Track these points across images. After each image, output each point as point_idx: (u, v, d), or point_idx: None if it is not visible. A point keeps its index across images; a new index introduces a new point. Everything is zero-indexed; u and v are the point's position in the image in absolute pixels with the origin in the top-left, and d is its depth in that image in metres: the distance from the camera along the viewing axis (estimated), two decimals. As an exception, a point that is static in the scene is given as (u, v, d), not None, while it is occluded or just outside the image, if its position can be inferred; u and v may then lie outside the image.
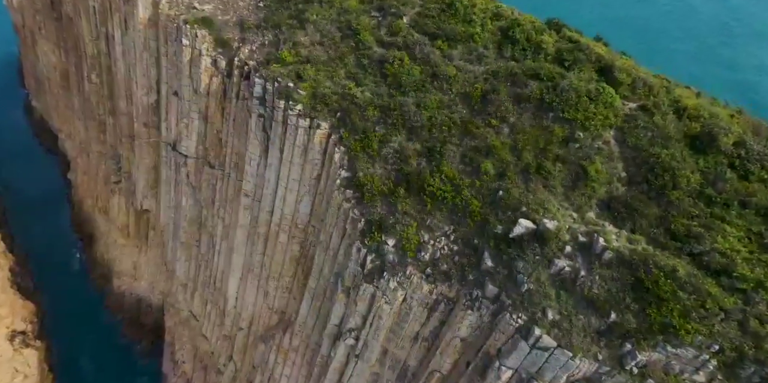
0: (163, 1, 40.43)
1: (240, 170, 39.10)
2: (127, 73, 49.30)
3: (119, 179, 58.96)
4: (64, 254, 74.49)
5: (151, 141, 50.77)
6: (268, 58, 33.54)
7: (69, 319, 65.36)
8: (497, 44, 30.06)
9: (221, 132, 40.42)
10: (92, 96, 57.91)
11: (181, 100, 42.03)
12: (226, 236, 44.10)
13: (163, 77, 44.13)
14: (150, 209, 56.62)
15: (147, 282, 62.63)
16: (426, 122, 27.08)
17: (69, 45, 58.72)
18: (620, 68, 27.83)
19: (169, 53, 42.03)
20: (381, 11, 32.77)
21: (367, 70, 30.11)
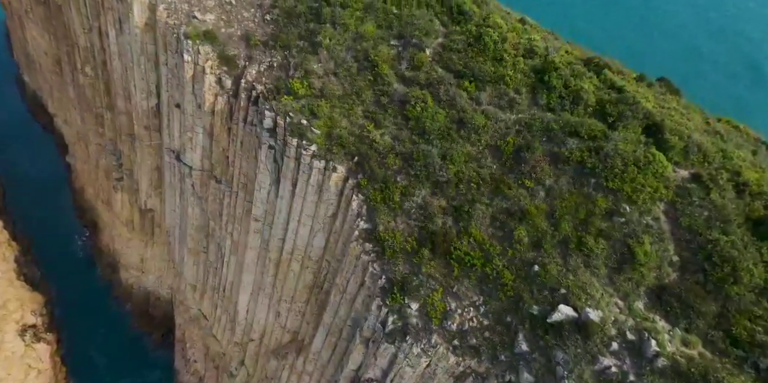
0: (160, 8, 37.51)
1: (249, 192, 37.65)
2: (123, 74, 46.70)
3: (121, 176, 57.28)
4: (68, 240, 73.90)
5: (153, 144, 48.84)
6: (277, 86, 31.27)
7: (78, 310, 65.58)
8: (531, 88, 27.66)
9: (228, 151, 38.60)
10: (87, 89, 55.29)
11: (184, 113, 39.92)
12: (235, 252, 43.18)
13: (164, 85, 41.75)
14: (154, 208, 55.42)
15: (154, 276, 62.38)
16: (452, 176, 25.36)
17: (59, 33, 55.46)
18: (671, 129, 25.48)
19: (170, 63, 39.49)
20: (401, 39, 30.16)
21: (386, 110, 28.03)
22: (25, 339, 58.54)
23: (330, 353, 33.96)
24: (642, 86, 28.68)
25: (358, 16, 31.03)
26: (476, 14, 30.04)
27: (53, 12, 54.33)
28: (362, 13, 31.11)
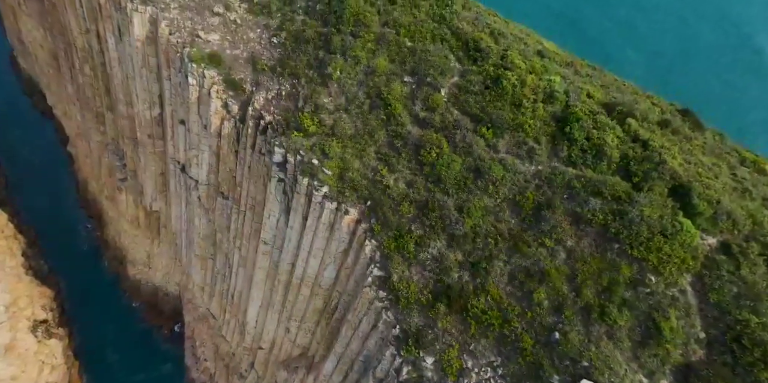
0: (162, 25, 36.04)
1: (257, 214, 37.32)
2: (124, 81, 45.43)
3: (125, 177, 56.70)
4: (72, 231, 73.94)
5: (156, 151, 48.06)
6: (287, 119, 30.40)
7: (87, 302, 66.40)
8: (551, 137, 26.72)
9: (235, 172, 37.98)
10: (87, 88, 53.99)
11: (189, 131, 39.12)
12: (243, 265, 43.26)
13: (167, 99, 40.70)
14: (160, 210, 55.17)
15: (162, 273, 62.78)
16: (469, 230, 24.94)
17: (55, 30, 53.60)
18: (699, 193, 24.61)
19: (173, 80, 38.37)
20: (414, 76, 29.03)
21: (400, 153, 27.33)
22: (37, 335, 59.46)
23: (341, 379, 34.53)
24: (666, 134, 27.62)
25: (369, 48, 29.78)
26: (493, 51, 28.79)
27: (48, 9, 52.33)
28: (374, 45, 29.83)
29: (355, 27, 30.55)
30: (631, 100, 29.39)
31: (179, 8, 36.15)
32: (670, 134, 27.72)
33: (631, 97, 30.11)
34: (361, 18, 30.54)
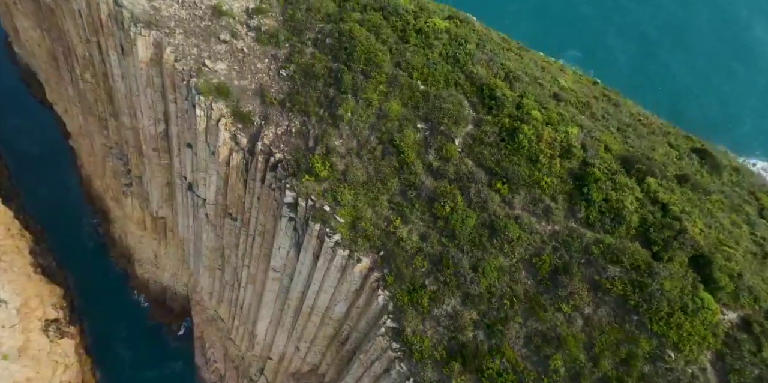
0: (167, 51, 35.08)
1: (267, 240, 37.37)
2: (128, 95, 44.60)
3: (130, 182, 56.47)
4: (78, 225, 74.28)
5: (162, 164, 47.68)
6: (297, 159, 30.03)
7: (96, 299, 67.36)
8: (568, 196, 26.29)
9: (244, 198, 37.76)
10: (88, 94, 53.05)
11: (196, 155, 38.66)
12: (252, 282, 43.62)
13: (173, 120, 40.06)
14: (167, 217, 55.18)
15: (170, 273, 63.37)
16: (484, 290, 24.97)
17: (53, 34, 52.20)
18: (720, 266, 24.39)
19: (179, 106, 37.73)
20: (428, 123, 28.44)
21: (414, 205, 27.12)
22: (49, 334, 60.53)
23: (352, 405, 35.39)
24: (686, 191, 27.08)
25: (381, 90, 29.05)
26: (508, 100, 28.06)
27: (45, 13, 50.78)
28: (386, 87, 29.10)
29: (366, 66, 29.75)
30: (648, 146, 28.86)
31: (184, 34, 35.12)
32: (689, 191, 27.26)
33: (648, 141, 29.52)
34: (372, 57, 29.71)
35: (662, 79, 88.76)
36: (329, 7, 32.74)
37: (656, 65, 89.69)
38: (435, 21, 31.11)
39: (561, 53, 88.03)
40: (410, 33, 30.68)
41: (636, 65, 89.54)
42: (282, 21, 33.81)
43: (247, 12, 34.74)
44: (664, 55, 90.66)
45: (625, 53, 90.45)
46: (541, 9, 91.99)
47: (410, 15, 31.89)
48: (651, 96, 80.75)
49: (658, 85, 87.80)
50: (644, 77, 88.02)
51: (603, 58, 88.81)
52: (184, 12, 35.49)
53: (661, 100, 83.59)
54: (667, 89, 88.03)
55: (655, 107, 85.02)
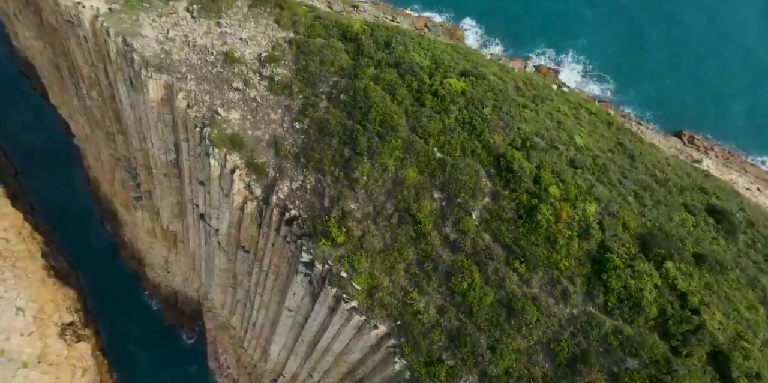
0: (179, 96, 34.70)
1: (280, 280, 37.95)
2: (137, 122, 44.29)
3: (139, 196, 56.73)
4: (88, 223, 74.88)
5: (173, 186, 47.84)
6: (314, 220, 30.34)
7: (110, 300, 68.76)
8: (586, 279, 26.52)
9: (257, 239, 38.11)
10: (95, 110, 52.55)
11: (209, 193, 38.81)
12: (266, 308, 44.55)
13: (185, 156, 39.86)
14: (177, 231, 55.74)
15: (181, 278, 64.52)
16: (502, 372, 25.65)
17: (57, 50, 51.13)
18: (739, 365, 24.90)
19: (191, 148, 37.53)
20: (444, 192, 28.51)
21: (430, 277, 27.58)
22: (66, 338, 62.32)
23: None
24: (703, 274, 27.29)
25: (397, 156, 28.99)
26: (525, 173, 28.00)
27: (48, 29, 49.58)
28: (402, 153, 29.01)
29: (381, 127, 29.59)
30: (665, 215, 28.95)
31: (196, 80, 34.66)
32: (707, 274, 27.47)
33: (665, 207, 29.52)
34: (388, 119, 29.49)
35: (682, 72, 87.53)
36: (343, 60, 32.22)
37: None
38: (451, 81, 30.67)
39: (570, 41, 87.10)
40: (426, 96, 30.36)
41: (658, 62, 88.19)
42: (295, 70, 33.34)
43: (260, 59, 34.16)
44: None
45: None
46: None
47: (425, 73, 31.40)
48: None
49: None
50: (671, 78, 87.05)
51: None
52: (196, 57, 34.91)
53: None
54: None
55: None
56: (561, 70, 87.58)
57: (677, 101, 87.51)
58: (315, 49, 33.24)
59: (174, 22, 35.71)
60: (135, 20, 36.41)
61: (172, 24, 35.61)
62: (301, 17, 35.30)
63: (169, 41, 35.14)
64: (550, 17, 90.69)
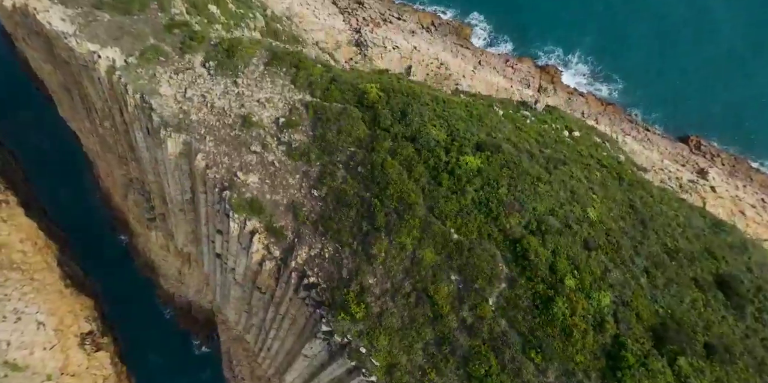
0: (198, 157, 35.28)
1: (297, 327, 39.31)
2: (152, 162, 44.82)
3: (153, 217, 57.75)
4: (100, 228, 76.22)
5: (188, 219, 48.85)
6: (333, 291, 31.46)
7: (125, 306, 70.87)
8: (601, 374, 27.60)
9: (275, 290, 39.31)
10: (108, 138, 52.97)
11: (227, 242, 39.82)
12: (281, 341, 46.27)
13: (202, 206, 40.53)
14: (191, 253, 57.04)
15: (194, 290, 66.36)
16: None
17: (68, 79, 51.04)
18: None
19: (209, 200, 38.26)
20: (461, 275, 29.49)
21: (448, 359, 28.85)
22: (86, 348, 64.68)
23: None
24: (714, 368, 28.32)
25: (415, 235, 29.87)
26: (542, 261, 28.93)
27: (59, 60, 49.34)
28: (419, 233, 29.89)
29: (398, 204, 30.38)
30: (677, 297, 29.96)
31: (215, 141, 35.16)
32: (717, 367, 28.59)
33: (676, 287, 30.49)
34: (405, 196, 30.23)
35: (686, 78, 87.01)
36: (360, 130, 32.67)
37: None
38: (467, 159, 31.21)
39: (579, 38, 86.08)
40: (443, 175, 30.98)
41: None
42: (312, 137, 33.84)
43: (277, 124, 34.57)
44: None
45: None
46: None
47: (441, 148, 31.89)
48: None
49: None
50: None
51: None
52: (214, 118, 35.29)
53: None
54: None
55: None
56: (568, 70, 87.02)
57: (686, 102, 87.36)
58: (332, 116, 33.63)
59: (191, 79, 35.91)
60: (152, 76, 36.58)
61: (189, 82, 35.83)
62: (317, 78, 35.45)
63: (188, 101, 35.45)
64: (557, 14, 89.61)
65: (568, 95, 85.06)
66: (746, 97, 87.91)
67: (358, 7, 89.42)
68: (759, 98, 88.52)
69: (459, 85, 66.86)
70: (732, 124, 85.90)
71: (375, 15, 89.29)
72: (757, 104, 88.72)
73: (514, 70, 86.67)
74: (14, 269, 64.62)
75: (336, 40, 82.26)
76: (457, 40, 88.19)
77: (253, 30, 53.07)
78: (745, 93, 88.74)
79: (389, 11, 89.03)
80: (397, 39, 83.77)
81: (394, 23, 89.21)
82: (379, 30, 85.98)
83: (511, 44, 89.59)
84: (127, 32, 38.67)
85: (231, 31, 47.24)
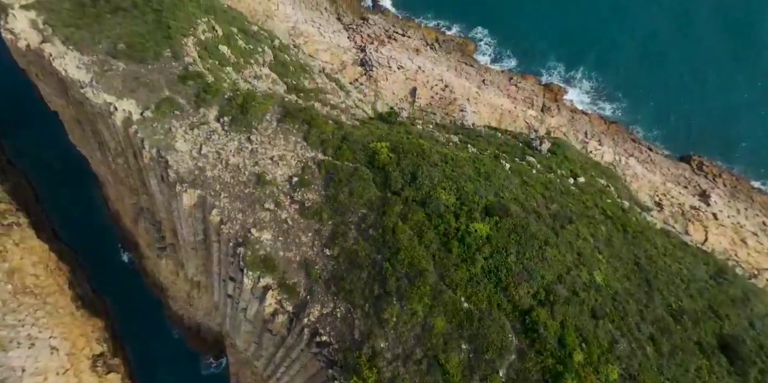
0: (213, 212, 36.26)
1: (308, 376, 40.54)
2: (165, 203, 45.75)
3: (164, 246, 58.78)
4: (110, 247, 77.13)
5: (200, 255, 49.90)
6: (344, 351, 32.51)
7: (135, 325, 72.13)
8: None
9: (286, 337, 40.39)
10: (120, 171, 53.84)
11: (239, 289, 40.84)
12: (291, 377, 47.56)
13: (214, 249, 41.62)
14: (202, 282, 58.15)
15: (203, 312, 67.58)
16: None
17: (82, 116, 51.82)
18: None
19: (223, 251, 39.25)
20: (471, 344, 30.49)
21: (464, 431, 29.88)
22: (98, 371, 66.17)
23: None
24: None
25: (426, 303, 30.89)
26: (551, 333, 29.92)
27: (73, 101, 50.13)
28: (430, 300, 30.91)
29: (409, 269, 31.39)
30: (682, 366, 30.73)
31: (229, 197, 36.11)
32: None
33: (682, 355, 31.31)
34: (416, 263, 31.23)
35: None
36: (371, 193, 33.60)
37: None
38: (476, 226, 32.16)
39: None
40: (453, 242, 31.94)
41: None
42: (325, 196, 34.77)
43: (291, 182, 35.50)
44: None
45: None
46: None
47: (451, 214, 32.81)
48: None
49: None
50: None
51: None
52: (228, 175, 36.21)
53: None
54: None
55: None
56: (571, 88, 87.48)
57: (689, 121, 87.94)
58: (344, 176, 34.55)
59: (206, 135, 36.78)
60: (168, 130, 37.44)
61: (204, 138, 36.70)
62: (329, 135, 36.32)
63: (203, 157, 36.36)
64: (560, 29, 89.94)
65: (571, 114, 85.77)
66: (752, 116, 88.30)
67: (362, 23, 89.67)
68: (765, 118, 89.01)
69: (464, 112, 67.50)
70: (733, 141, 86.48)
71: (379, 31, 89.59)
72: (761, 122, 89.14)
73: (518, 89, 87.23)
74: (27, 293, 65.99)
75: (341, 60, 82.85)
76: (461, 57, 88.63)
77: (263, 65, 53.78)
78: (749, 111, 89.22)
79: (393, 28, 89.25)
80: (401, 58, 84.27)
81: (398, 41, 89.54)
82: (383, 49, 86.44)
83: (515, 60, 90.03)
84: (143, 83, 39.48)
85: (241, 71, 47.99)
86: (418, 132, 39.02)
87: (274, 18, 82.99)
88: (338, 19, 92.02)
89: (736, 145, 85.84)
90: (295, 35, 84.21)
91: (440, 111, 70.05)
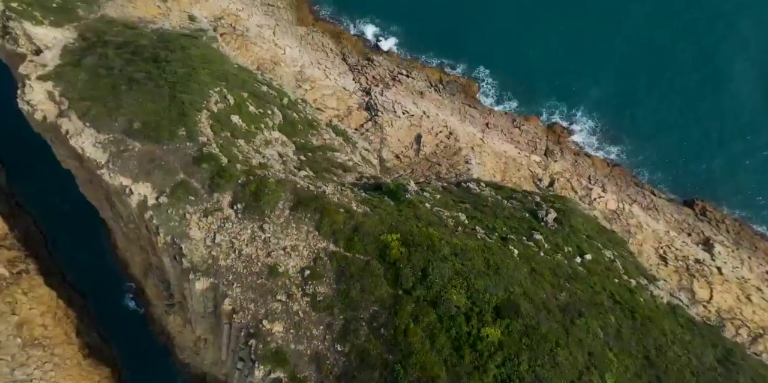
0: (225, 302, 36.92)
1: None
2: (176, 278, 46.37)
3: (172, 303, 59.36)
4: (117, 291, 77.55)
5: (209, 322, 50.45)
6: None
7: (142, 371, 72.45)
8: None
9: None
10: (130, 232, 54.54)
11: (249, 370, 41.34)
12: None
13: (224, 331, 42.07)
14: (210, 339, 58.63)
15: (210, 362, 67.99)
16: None
17: (95, 183, 52.51)
18: None
19: (233, 335, 39.79)
20: None
21: None
22: (105, 422, 66.50)
23: None
24: None
25: None
26: None
27: (86, 168, 50.83)
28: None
29: (421, 374, 31.98)
30: None
31: (242, 287, 36.76)
32: None
33: None
34: (429, 368, 31.79)
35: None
36: (383, 290, 34.26)
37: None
38: (487, 331, 32.81)
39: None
40: (465, 348, 32.56)
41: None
42: (336, 290, 35.41)
43: (302, 274, 36.14)
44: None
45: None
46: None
47: (462, 316, 33.47)
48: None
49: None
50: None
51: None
52: (241, 265, 36.88)
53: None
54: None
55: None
56: (575, 130, 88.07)
57: (691, 161, 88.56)
58: (355, 271, 35.22)
59: (220, 223, 37.47)
60: (182, 216, 38.13)
61: (218, 226, 37.39)
62: (340, 225, 37.03)
63: (216, 246, 37.05)
64: (558, 70, 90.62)
65: (574, 158, 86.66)
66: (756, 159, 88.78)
67: (367, 64, 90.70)
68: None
69: (469, 164, 68.30)
70: (737, 185, 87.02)
71: (384, 72, 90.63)
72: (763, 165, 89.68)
73: (521, 132, 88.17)
74: (36, 345, 66.62)
75: (347, 105, 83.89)
76: (465, 99, 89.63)
77: (272, 128, 54.66)
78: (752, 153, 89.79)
79: (398, 68, 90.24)
80: (406, 103, 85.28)
81: (403, 82, 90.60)
82: (388, 92, 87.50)
83: (516, 101, 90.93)
84: (158, 166, 40.21)
85: (252, 141, 48.74)
86: (426, 215, 39.70)
87: (282, 63, 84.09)
88: (343, 59, 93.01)
89: (740, 188, 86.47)
90: (302, 80, 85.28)
91: (445, 162, 70.82)
